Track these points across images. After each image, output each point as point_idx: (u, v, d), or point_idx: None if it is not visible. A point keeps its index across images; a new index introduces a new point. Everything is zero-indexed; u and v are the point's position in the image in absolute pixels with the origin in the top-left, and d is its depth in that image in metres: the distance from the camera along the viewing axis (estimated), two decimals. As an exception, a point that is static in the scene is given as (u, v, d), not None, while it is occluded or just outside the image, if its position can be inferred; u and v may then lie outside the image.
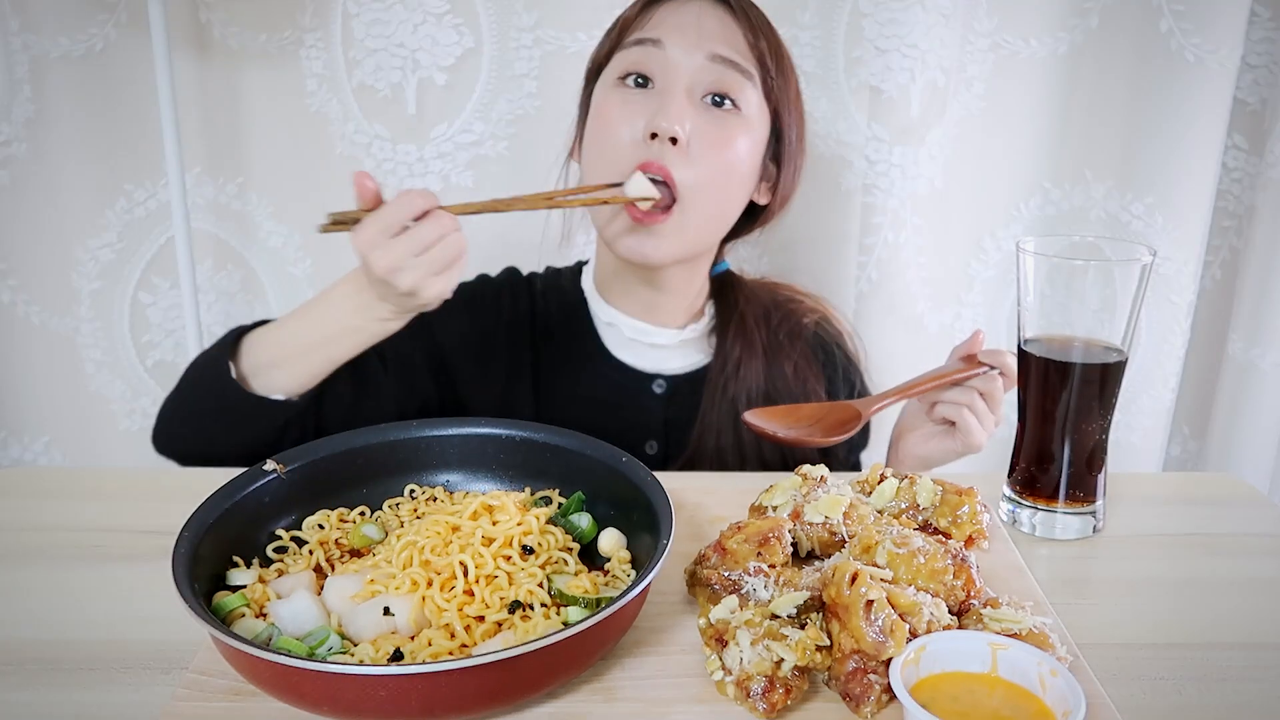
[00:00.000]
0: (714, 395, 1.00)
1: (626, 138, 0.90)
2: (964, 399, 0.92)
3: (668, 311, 1.02)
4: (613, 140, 0.91)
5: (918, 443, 0.99)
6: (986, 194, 1.41)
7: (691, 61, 0.90)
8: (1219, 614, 0.71)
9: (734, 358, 1.01)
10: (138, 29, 1.28)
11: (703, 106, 0.91)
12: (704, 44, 0.90)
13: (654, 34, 0.91)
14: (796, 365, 1.04)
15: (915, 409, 1.01)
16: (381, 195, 0.81)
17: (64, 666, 0.63)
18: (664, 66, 0.90)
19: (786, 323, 1.06)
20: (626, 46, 0.92)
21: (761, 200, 1.00)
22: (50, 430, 1.45)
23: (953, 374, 0.92)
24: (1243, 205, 1.42)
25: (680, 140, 0.88)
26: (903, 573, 0.65)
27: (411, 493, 0.79)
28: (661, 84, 0.90)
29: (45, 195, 1.34)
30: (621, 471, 0.74)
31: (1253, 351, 1.40)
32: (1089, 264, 0.78)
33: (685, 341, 1.03)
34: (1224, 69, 1.29)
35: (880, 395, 0.92)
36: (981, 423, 0.92)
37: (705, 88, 0.90)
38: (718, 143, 0.90)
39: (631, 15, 0.94)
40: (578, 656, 0.58)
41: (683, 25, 0.90)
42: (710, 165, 0.90)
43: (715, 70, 0.90)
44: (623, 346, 1.03)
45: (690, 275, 1.00)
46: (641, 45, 0.91)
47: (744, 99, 0.91)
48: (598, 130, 0.94)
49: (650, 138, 0.89)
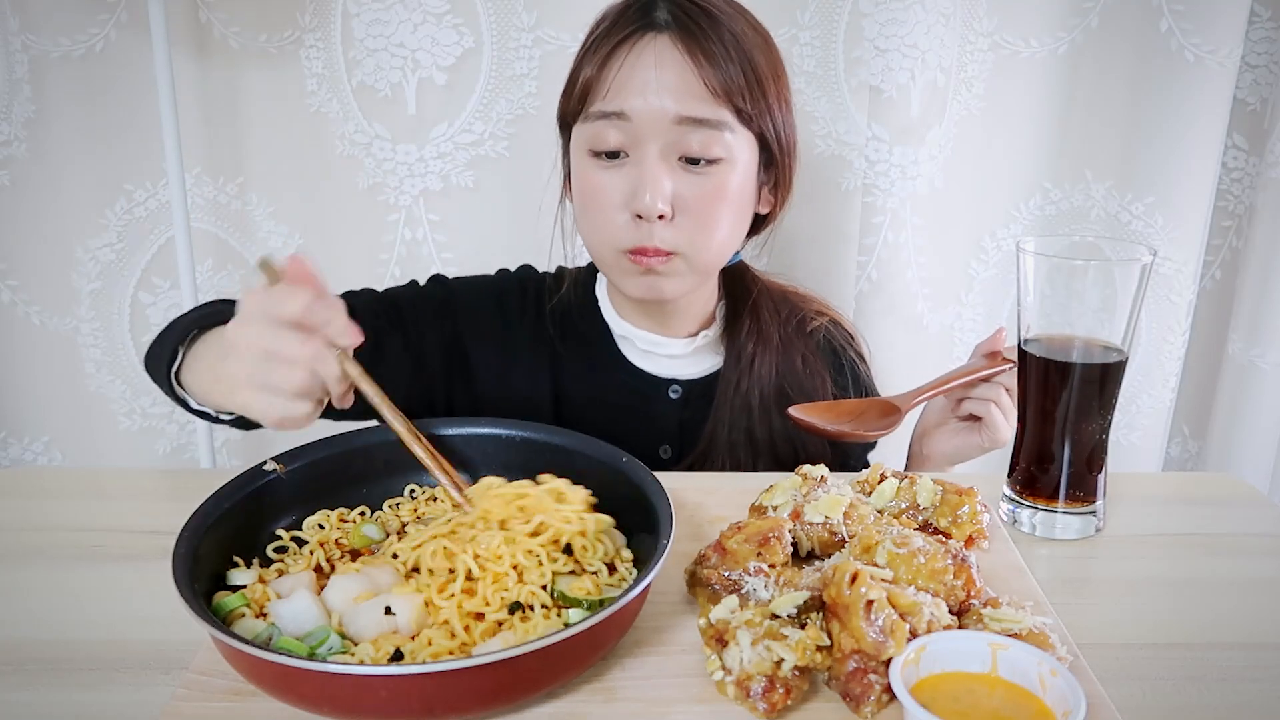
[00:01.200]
0: (728, 389, 1.01)
1: (614, 216, 0.90)
2: (990, 394, 0.94)
3: (679, 323, 1.02)
4: (601, 219, 0.91)
5: (943, 439, 1.01)
6: (986, 194, 1.41)
7: (659, 127, 0.87)
8: (1219, 614, 0.71)
9: (748, 351, 1.01)
10: (138, 29, 1.28)
11: (681, 167, 0.89)
12: (667, 105, 0.86)
13: (616, 105, 0.87)
14: (805, 359, 1.04)
15: (937, 407, 1.02)
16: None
17: (64, 666, 0.63)
18: (633, 138, 0.88)
19: (795, 316, 1.07)
20: (591, 119, 0.89)
21: (764, 210, 0.99)
22: (50, 430, 1.46)
23: (981, 370, 0.94)
24: (1243, 205, 1.42)
25: (666, 214, 0.88)
26: (903, 573, 0.65)
27: (412, 493, 0.79)
28: (635, 155, 0.89)
29: (45, 195, 1.34)
30: (622, 471, 0.74)
31: (1253, 351, 1.40)
32: (1089, 264, 0.78)
33: (699, 348, 1.03)
34: (1224, 69, 1.29)
35: (915, 391, 0.93)
36: (1007, 417, 0.95)
37: (679, 151, 0.88)
38: (704, 200, 0.89)
39: (592, 75, 0.89)
40: (578, 657, 0.58)
41: (644, 85, 0.86)
42: (702, 222, 0.90)
43: (685, 132, 0.87)
44: (638, 354, 1.03)
45: (700, 289, 1.00)
46: (606, 119, 0.88)
47: (722, 148, 0.88)
48: (584, 206, 0.94)
49: (636, 217, 0.88)
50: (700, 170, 0.89)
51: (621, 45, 0.88)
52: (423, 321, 0.99)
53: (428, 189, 1.36)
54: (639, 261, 0.90)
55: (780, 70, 0.94)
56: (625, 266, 0.92)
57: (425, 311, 1.00)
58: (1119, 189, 1.38)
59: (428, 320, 0.99)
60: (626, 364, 1.03)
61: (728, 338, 1.03)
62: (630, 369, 1.03)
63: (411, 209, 1.36)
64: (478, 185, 1.36)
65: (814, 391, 1.03)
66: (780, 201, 0.99)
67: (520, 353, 1.02)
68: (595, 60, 0.89)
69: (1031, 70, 1.35)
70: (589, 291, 1.05)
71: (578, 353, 1.03)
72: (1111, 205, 1.39)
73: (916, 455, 1.05)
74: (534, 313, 1.03)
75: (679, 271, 0.92)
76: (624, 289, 0.95)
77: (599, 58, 0.89)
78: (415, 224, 1.37)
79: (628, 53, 0.87)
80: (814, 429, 0.88)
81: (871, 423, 0.90)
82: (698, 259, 0.92)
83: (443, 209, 1.37)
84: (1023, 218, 1.43)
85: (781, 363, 1.02)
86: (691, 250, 0.91)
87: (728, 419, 1.00)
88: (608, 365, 1.03)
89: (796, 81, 1.32)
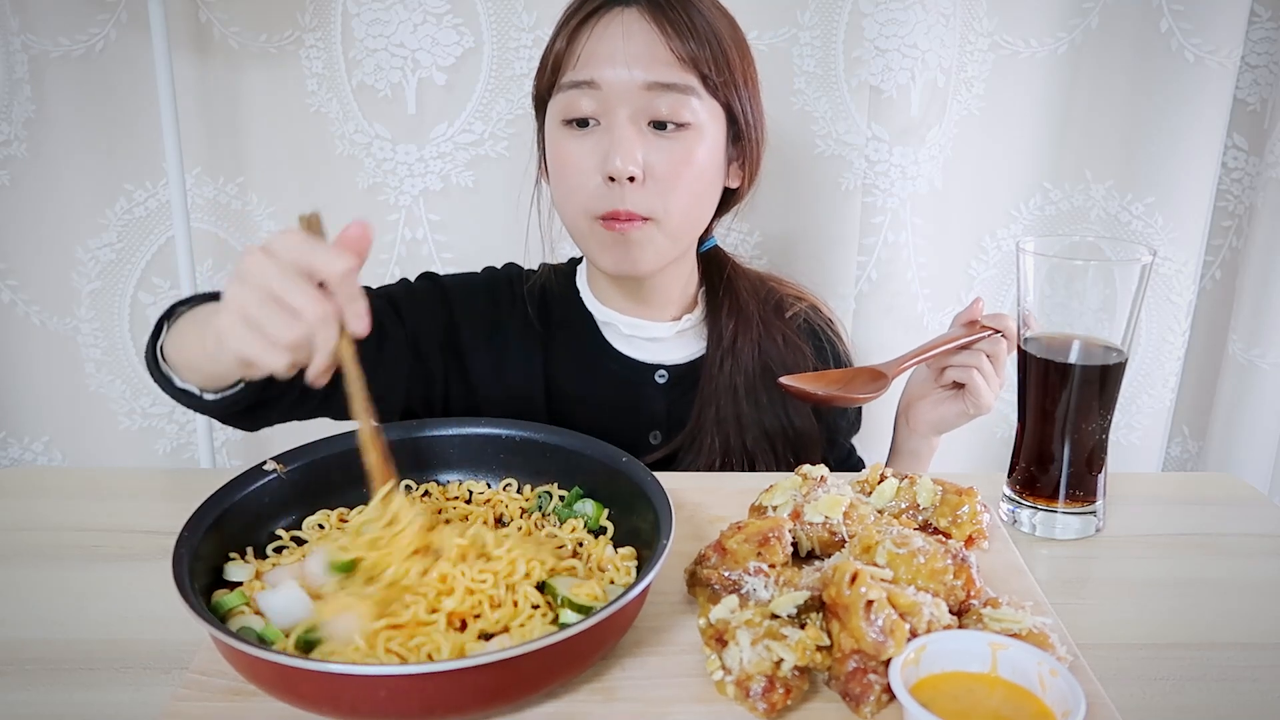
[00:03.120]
0: (712, 368, 1.02)
1: (586, 182, 0.92)
2: (972, 361, 0.96)
3: (659, 304, 1.04)
4: (574, 185, 0.93)
5: (929, 408, 1.02)
6: (986, 194, 1.41)
7: (628, 94, 0.89)
8: (1219, 614, 0.71)
9: (729, 329, 1.03)
10: (138, 29, 1.28)
11: (651, 133, 0.91)
12: (636, 72, 0.89)
13: (586, 74, 0.90)
14: (786, 337, 1.06)
15: (921, 378, 1.04)
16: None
17: (64, 666, 0.63)
18: (603, 105, 0.90)
19: (773, 297, 1.09)
20: (563, 89, 0.92)
21: (733, 184, 1.02)
22: (50, 430, 1.45)
23: (961, 337, 0.95)
24: (1243, 205, 1.42)
25: (637, 176, 0.90)
26: (903, 573, 0.65)
27: (408, 488, 0.79)
28: (605, 121, 0.91)
29: (45, 195, 1.34)
30: (621, 471, 0.74)
31: (1253, 351, 1.40)
32: (1089, 264, 0.78)
33: (682, 332, 1.05)
34: (1224, 69, 1.29)
35: (900, 359, 0.95)
36: (989, 383, 0.96)
37: (648, 115, 0.90)
38: (674, 164, 0.92)
39: (562, 49, 0.93)
40: (578, 657, 0.58)
41: (612, 54, 0.89)
42: (672, 186, 0.92)
43: (653, 97, 0.89)
44: (623, 340, 1.04)
45: (677, 268, 1.02)
46: (577, 88, 0.91)
47: (690, 113, 0.91)
48: (558, 175, 0.96)
49: (608, 180, 0.91)
50: (669, 135, 0.91)
51: (590, 18, 0.91)
52: (419, 316, 1.00)
53: (428, 189, 1.36)
54: (611, 227, 0.92)
55: (746, 53, 0.96)
56: (599, 235, 0.94)
57: (420, 306, 1.01)
58: (1119, 189, 1.38)
59: (423, 315, 1.01)
60: (612, 350, 1.04)
61: (710, 319, 1.05)
62: (616, 355, 1.04)
63: (411, 209, 1.37)
64: (478, 185, 1.36)
65: (796, 367, 1.05)
66: (749, 178, 1.01)
67: (511, 344, 1.04)
68: (565, 34, 0.93)
69: (1031, 70, 1.35)
70: (570, 282, 1.07)
71: (564, 342, 1.04)
72: (1111, 205, 1.39)
73: (902, 428, 1.07)
74: (521, 305, 1.05)
75: (651, 239, 0.94)
76: (599, 263, 0.97)
77: (568, 32, 0.92)
78: (415, 224, 1.37)
79: (595, 25, 0.91)
80: (805, 395, 0.90)
81: (860, 387, 0.91)
82: (669, 223, 0.93)
83: (443, 209, 1.37)
84: (1023, 218, 1.43)
85: (763, 339, 1.04)
86: (663, 214, 0.92)
87: (714, 397, 1.01)
88: (594, 353, 1.04)
89: (796, 81, 1.33)
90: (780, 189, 1.35)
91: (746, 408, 1.02)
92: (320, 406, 0.91)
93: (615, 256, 0.95)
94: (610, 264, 0.96)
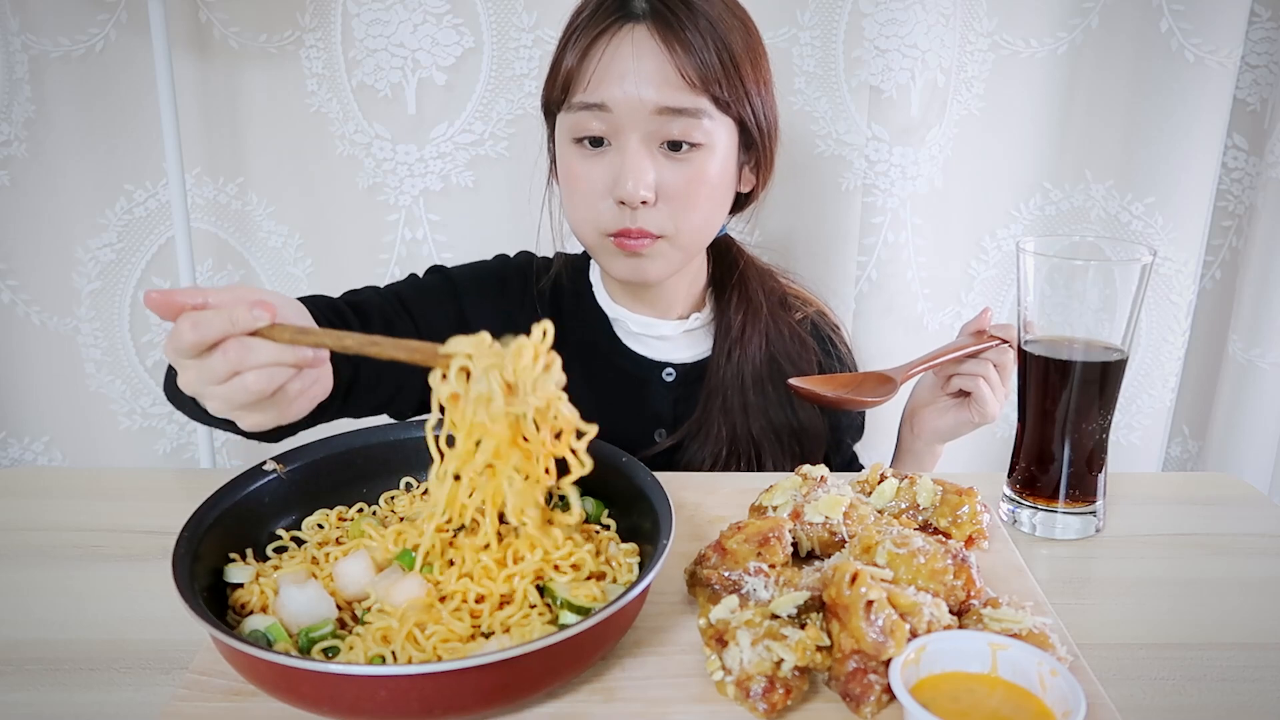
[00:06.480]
0: (720, 360, 1.02)
1: (598, 201, 0.92)
2: (979, 370, 0.97)
3: (666, 304, 1.04)
4: (586, 204, 0.94)
5: (934, 416, 1.03)
6: (986, 194, 1.41)
7: (640, 118, 0.89)
8: (1219, 614, 0.71)
9: (738, 322, 1.03)
10: (138, 29, 1.28)
11: (662, 154, 0.91)
12: (646, 95, 0.88)
13: (597, 97, 0.89)
14: (793, 330, 1.07)
15: (927, 385, 1.04)
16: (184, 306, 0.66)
17: (64, 666, 0.63)
18: (614, 129, 0.90)
19: (777, 292, 1.09)
20: (574, 109, 0.91)
21: (746, 189, 1.02)
22: (50, 430, 1.45)
23: (969, 346, 0.96)
24: (1243, 205, 1.42)
25: (649, 200, 0.90)
26: (903, 573, 0.65)
27: (409, 485, 0.79)
28: (617, 143, 0.91)
29: (45, 195, 1.34)
30: (622, 471, 0.74)
31: (1253, 351, 1.40)
32: (1089, 264, 0.78)
33: (690, 331, 1.05)
34: (1224, 69, 1.29)
35: (908, 365, 0.95)
36: (994, 392, 0.97)
37: (660, 138, 0.90)
38: (686, 184, 0.91)
39: (573, 66, 0.91)
40: (578, 657, 0.58)
41: (623, 76, 0.88)
42: (685, 205, 0.92)
43: (665, 121, 0.89)
44: (632, 338, 1.05)
45: (686, 269, 1.02)
46: (589, 110, 0.90)
47: (702, 134, 0.90)
48: (569, 191, 0.96)
49: (620, 202, 0.91)
50: (681, 156, 0.91)
51: (601, 36, 0.90)
52: (429, 309, 1.01)
53: (428, 189, 1.36)
54: (623, 245, 0.93)
55: (759, 51, 0.96)
56: (610, 249, 0.94)
57: (430, 300, 1.02)
58: (1119, 189, 1.38)
59: (433, 307, 1.01)
60: (621, 347, 1.05)
61: (718, 312, 1.05)
62: (625, 352, 1.04)
63: (411, 209, 1.36)
64: (478, 185, 1.36)
65: (801, 361, 1.05)
66: (762, 180, 1.01)
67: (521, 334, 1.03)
68: (576, 51, 0.91)
69: (1031, 70, 1.35)
70: (582, 276, 1.07)
71: (574, 336, 1.04)
72: (1111, 205, 1.39)
73: (907, 436, 1.07)
74: (532, 297, 1.05)
75: (663, 253, 0.95)
76: (610, 270, 0.98)
77: (579, 49, 0.91)
78: (415, 224, 1.37)
79: (607, 44, 0.90)
80: (814, 396, 0.91)
81: (869, 391, 0.92)
82: (681, 239, 0.94)
83: (443, 209, 1.37)
84: (1023, 218, 1.43)
85: (771, 332, 1.05)
86: (675, 231, 0.93)
87: (722, 386, 1.02)
88: (603, 348, 1.05)
89: (796, 81, 1.33)
90: (780, 189, 1.34)
91: (753, 397, 1.02)
92: (341, 410, 0.92)
93: (627, 268, 0.95)
94: (621, 274, 0.96)
